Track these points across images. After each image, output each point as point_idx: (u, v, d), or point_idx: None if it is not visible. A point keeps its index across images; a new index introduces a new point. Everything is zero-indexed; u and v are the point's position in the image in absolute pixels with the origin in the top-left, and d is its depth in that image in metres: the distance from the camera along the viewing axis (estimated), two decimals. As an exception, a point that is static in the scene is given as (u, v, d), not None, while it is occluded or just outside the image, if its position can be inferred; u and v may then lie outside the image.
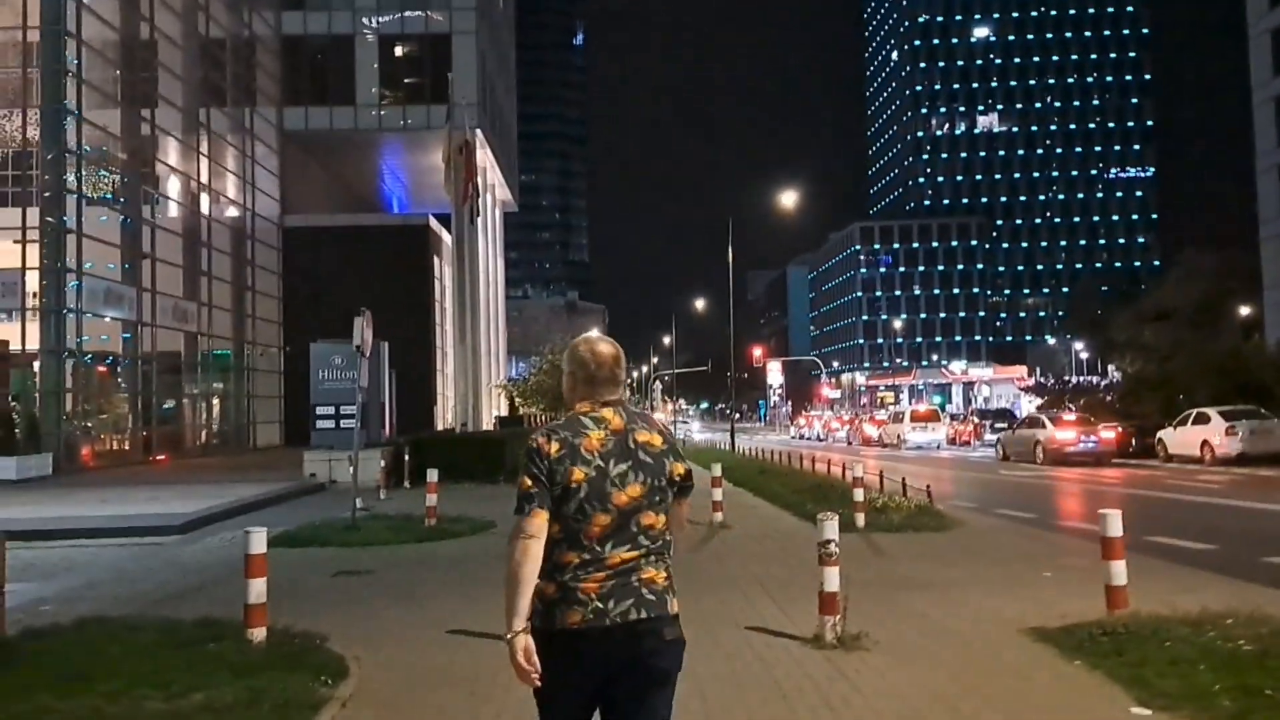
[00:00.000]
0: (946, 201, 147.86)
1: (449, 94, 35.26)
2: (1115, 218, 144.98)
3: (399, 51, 45.02)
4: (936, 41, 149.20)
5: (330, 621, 7.40)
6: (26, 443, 23.01)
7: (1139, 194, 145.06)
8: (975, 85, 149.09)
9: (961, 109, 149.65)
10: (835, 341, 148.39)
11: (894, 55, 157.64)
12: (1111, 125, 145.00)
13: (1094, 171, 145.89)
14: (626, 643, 2.77)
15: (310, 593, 8.97)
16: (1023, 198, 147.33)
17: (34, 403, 25.63)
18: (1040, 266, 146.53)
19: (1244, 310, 54.53)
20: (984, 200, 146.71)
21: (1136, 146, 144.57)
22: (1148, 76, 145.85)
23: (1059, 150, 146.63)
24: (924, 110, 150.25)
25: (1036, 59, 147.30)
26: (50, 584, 9.87)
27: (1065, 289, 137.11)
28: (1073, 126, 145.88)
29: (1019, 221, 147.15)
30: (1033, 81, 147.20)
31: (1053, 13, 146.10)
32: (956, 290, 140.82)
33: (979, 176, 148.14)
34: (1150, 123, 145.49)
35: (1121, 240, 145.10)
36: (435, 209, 45.73)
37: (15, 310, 25.55)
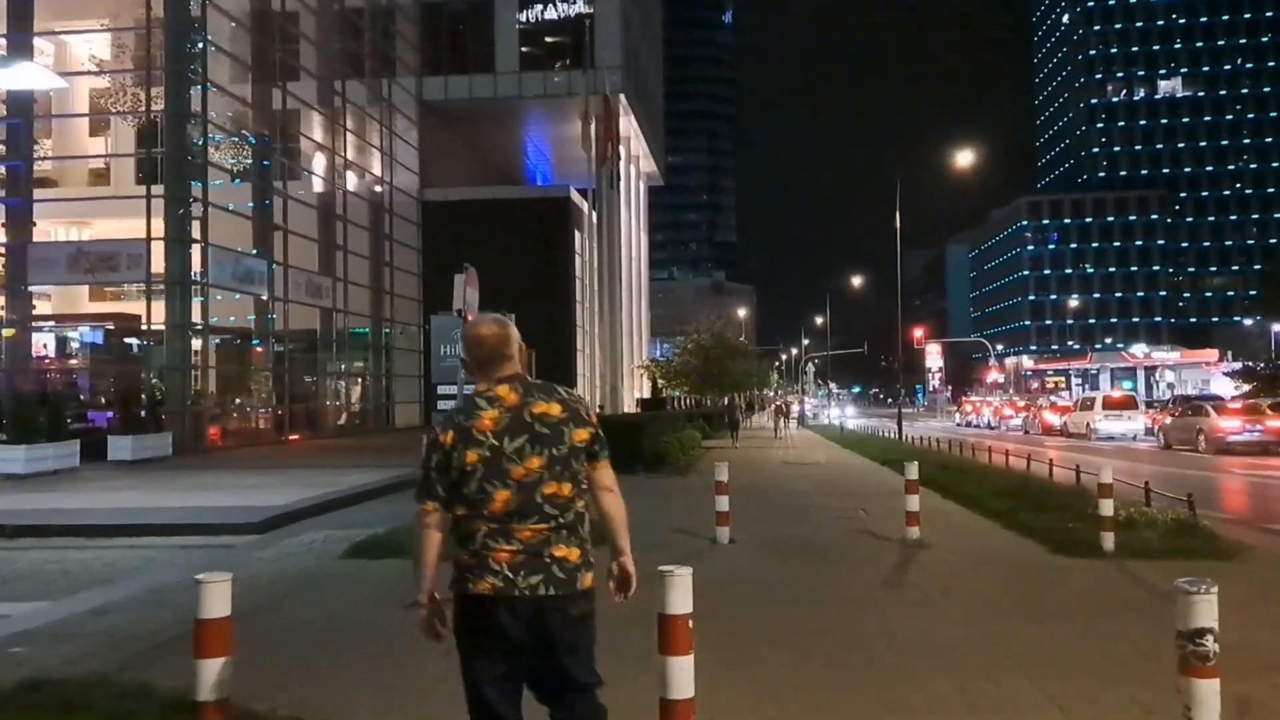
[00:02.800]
0: (1123, 173, 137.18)
1: (590, 50, 32.92)
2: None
3: (540, 16, 43.01)
4: (1112, 1, 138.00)
5: (375, 698, 4.89)
6: (148, 421, 21.95)
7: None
8: (1156, 47, 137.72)
9: (1140, 73, 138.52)
10: (999, 323, 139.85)
11: (1065, 17, 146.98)
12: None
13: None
14: (533, 616, 2.88)
15: (370, 634, 6.52)
16: (1209, 168, 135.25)
17: (158, 380, 24.75)
18: (1229, 242, 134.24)
19: None
20: (1165, 171, 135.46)
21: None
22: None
23: (1250, 116, 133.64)
24: (1098, 75, 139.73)
25: (1225, 17, 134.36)
26: (60, 607, 7.81)
27: (1257, 266, 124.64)
28: (1266, 90, 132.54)
29: (1204, 194, 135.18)
30: (1220, 41, 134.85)
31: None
32: (1134, 268, 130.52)
33: (1159, 146, 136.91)
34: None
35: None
36: (578, 183, 43.66)
37: (141, 283, 24.64)
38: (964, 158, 31.96)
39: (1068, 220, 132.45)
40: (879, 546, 9.90)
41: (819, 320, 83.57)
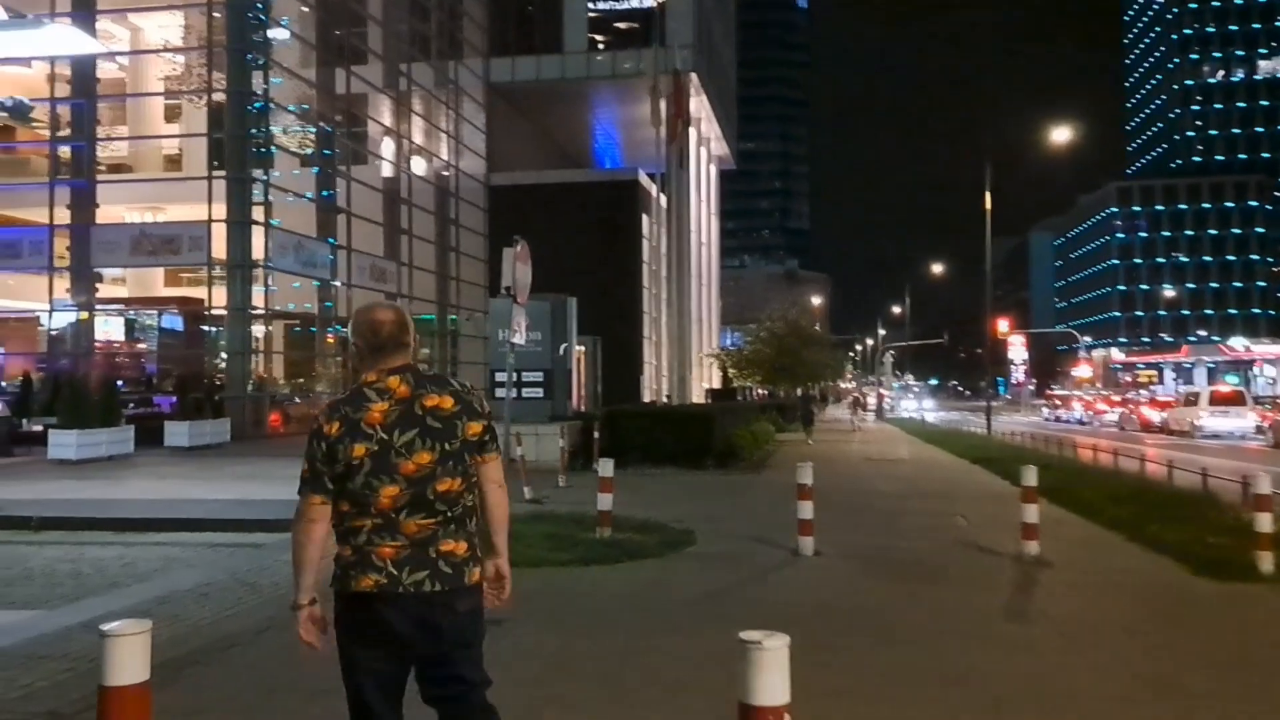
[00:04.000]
0: (1219, 158, 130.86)
1: (661, 27, 31.64)
2: None
3: (610, -6, 41.85)
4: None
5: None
6: (206, 408, 21.43)
7: None
8: (1255, 25, 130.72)
9: (1239, 53, 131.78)
10: (1085, 314, 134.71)
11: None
12: None
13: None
14: (419, 612, 2.75)
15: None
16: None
17: (217, 366, 24.30)
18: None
19: None
20: (1264, 156, 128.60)
21: None
22: None
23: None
24: (1193, 56, 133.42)
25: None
26: (53, 617, 6.90)
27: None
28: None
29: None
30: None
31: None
32: (1230, 257, 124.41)
33: (1259, 129, 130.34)
34: None
35: None
36: (647, 167, 42.42)
37: (203, 266, 24.19)
38: (1059, 134, 29.82)
39: (1160, 207, 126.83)
40: (989, 563, 8.52)
41: (896, 310, 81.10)
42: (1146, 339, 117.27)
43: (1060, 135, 29.65)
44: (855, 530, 10.33)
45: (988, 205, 29.43)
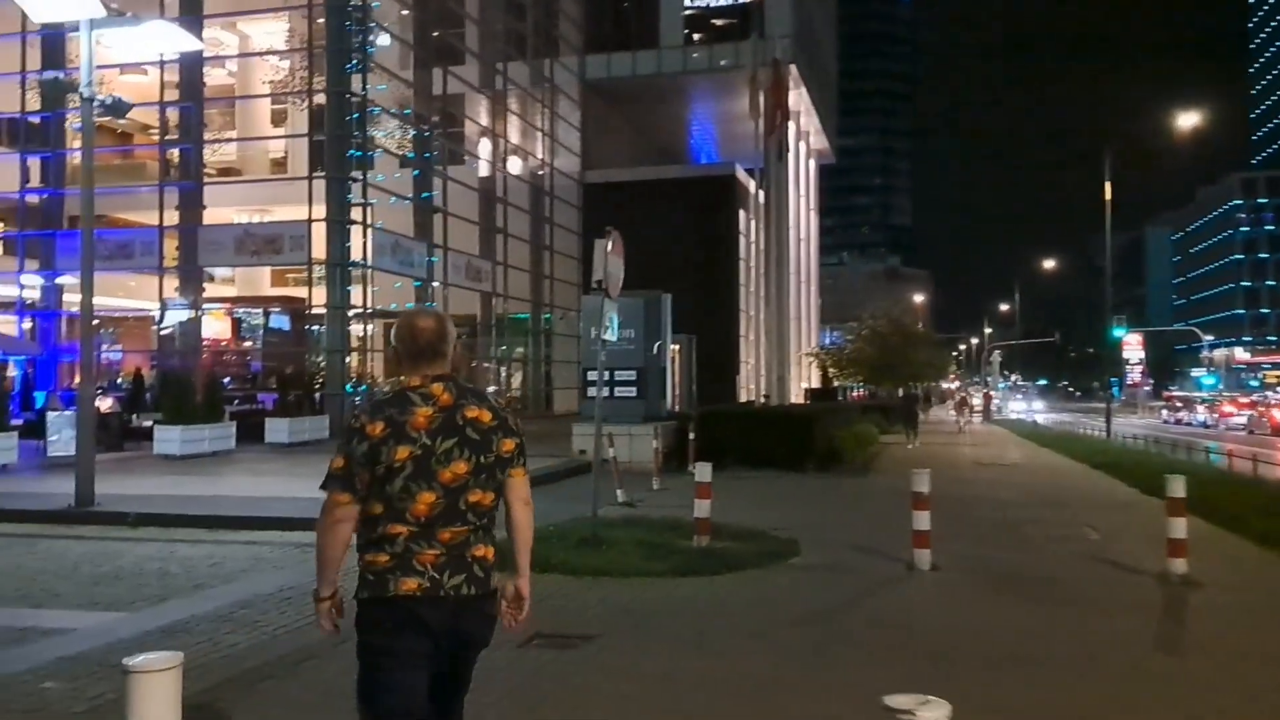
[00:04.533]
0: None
1: (760, 18, 30.89)
2: None
3: (707, -13, 41.22)
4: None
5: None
6: (306, 405, 21.64)
7: None
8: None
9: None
10: (1206, 311, 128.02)
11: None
12: None
13: None
14: (455, 615, 2.79)
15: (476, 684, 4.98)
16: None
17: (318, 364, 24.57)
18: None
19: None
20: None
21: None
22: None
23: None
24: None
25: None
26: (133, 622, 6.70)
27: None
28: None
29: None
30: None
31: None
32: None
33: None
34: None
35: None
36: (744, 162, 41.66)
37: (303, 265, 24.49)
38: (1184, 119, 27.97)
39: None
40: (1130, 583, 7.67)
41: (1003, 307, 78.32)
42: (1273, 338, 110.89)
43: (1185, 121, 27.79)
44: (973, 541, 9.56)
45: (1108, 195, 27.79)
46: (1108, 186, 27.28)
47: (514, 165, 34.82)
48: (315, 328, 26.56)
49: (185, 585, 7.84)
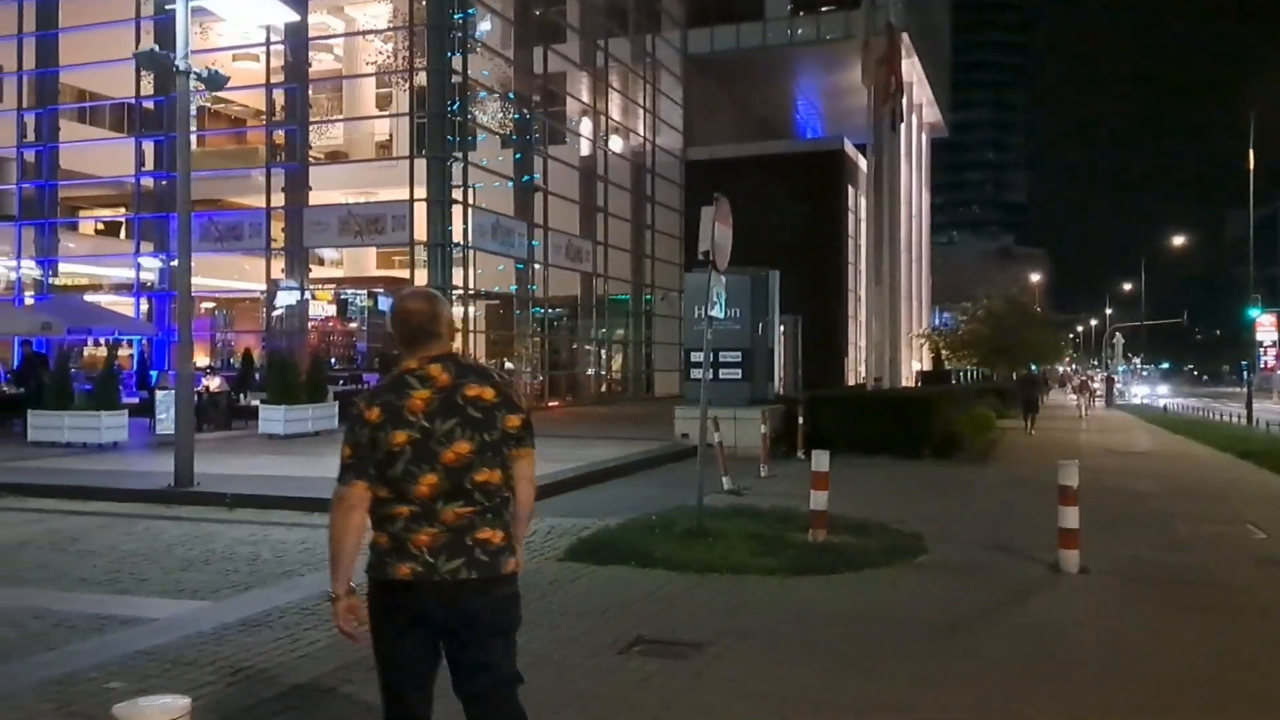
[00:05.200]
0: None
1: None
2: None
3: (814, -45, 39.80)
4: None
5: None
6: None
7: None
8: None
9: None
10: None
11: None
12: None
13: None
14: (455, 600, 2.73)
15: (562, 700, 4.42)
16: None
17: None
18: None
19: None
20: None
21: None
22: None
23: None
24: None
25: None
26: (215, 612, 6.39)
27: None
28: None
29: None
30: None
31: None
32: None
33: None
34: None
35: None
36: (852, 136, 40.24)
37: (405, 246, 24.47)
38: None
39: None
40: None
41: (1126, 287, 74.56)
42: None
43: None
44: (1122, 540, 8.59)
45: (1250, 164, 25.70)
46: (1251, 154, 25.19)
47: (615, 143, 34.28)
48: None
49: (274, 571, 7.53)
